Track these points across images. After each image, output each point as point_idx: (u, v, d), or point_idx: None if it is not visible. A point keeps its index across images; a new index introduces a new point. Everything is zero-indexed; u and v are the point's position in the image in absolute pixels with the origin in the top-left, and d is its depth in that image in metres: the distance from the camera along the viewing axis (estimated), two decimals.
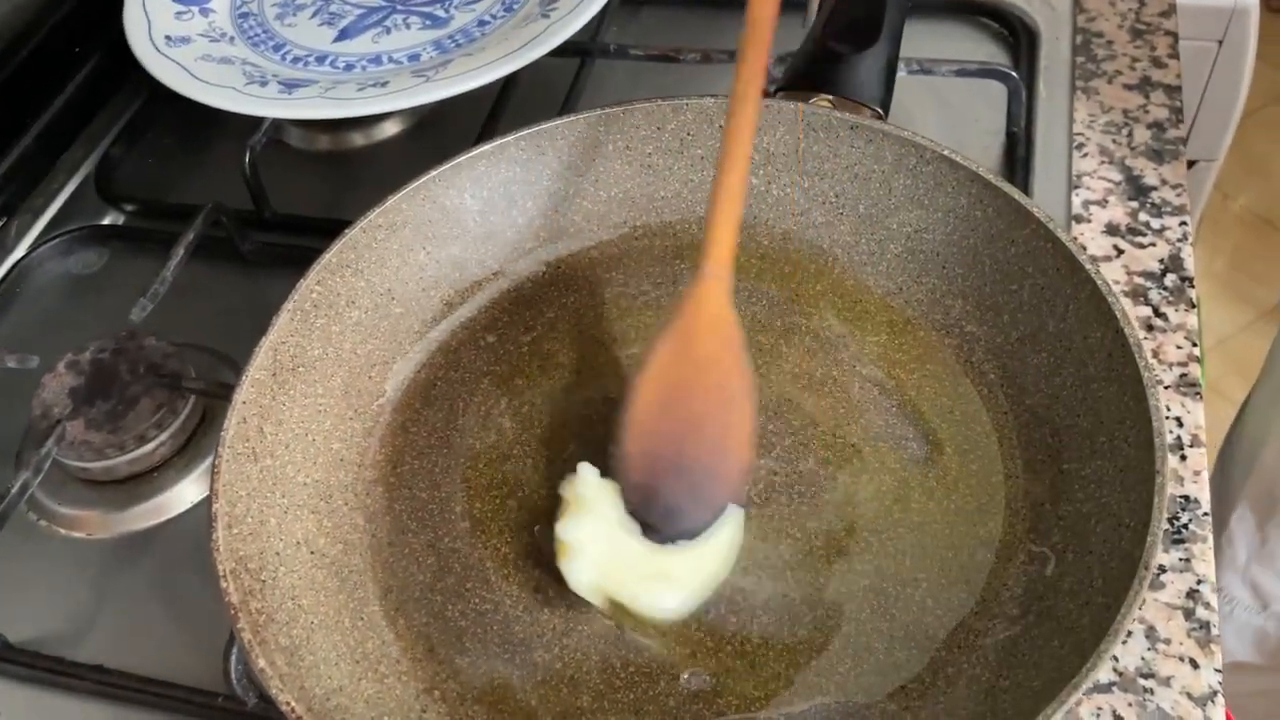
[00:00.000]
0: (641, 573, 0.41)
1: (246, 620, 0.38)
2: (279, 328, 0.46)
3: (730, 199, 0.43)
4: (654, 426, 0.42)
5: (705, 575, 0.42)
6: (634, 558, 0.41)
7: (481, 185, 0.52)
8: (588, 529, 0.42)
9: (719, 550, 0.42)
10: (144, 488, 0.53)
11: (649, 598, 0.41)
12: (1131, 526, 0.38)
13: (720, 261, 0.43)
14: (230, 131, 0.70)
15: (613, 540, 0.42)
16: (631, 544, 0.42)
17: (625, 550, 0.41)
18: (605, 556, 0.41)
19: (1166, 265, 0.57)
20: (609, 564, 0.41)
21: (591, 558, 0.42)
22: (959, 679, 0.40)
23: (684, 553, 0.41)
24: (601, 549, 0.42)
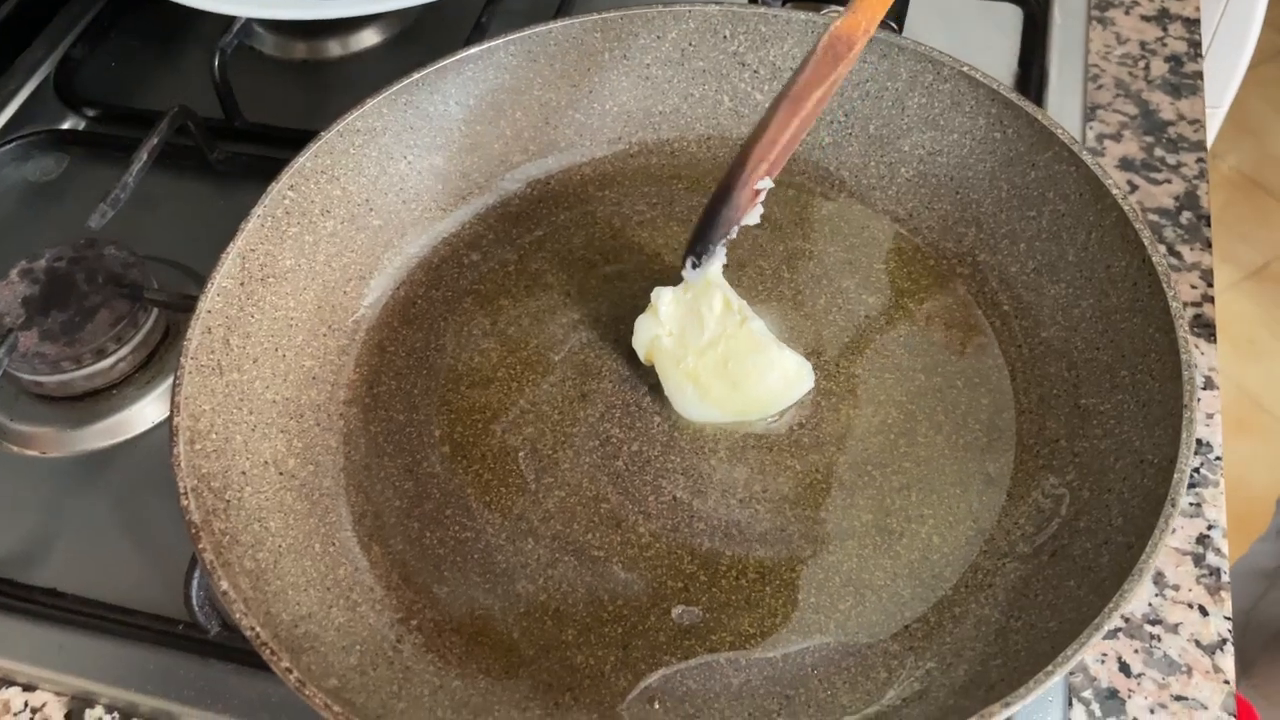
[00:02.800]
0: (686, 369, 0.42)
1: (209, 540, 0.36)
2: (248, 234, 0.43)
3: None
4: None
5: (736, 402, 0.42)
6: (692, 352, 0.42)
7: (468, 92, 0.49)
8: (672, 304, 0.43)
9: (762, 386, 0.42)
10: (102, 405, 0.50)
11: (680, 394, 0.43)
12: (1155, 463, 0.36)
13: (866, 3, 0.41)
14: (200, 34, 0.66)
15: (687, 329, 0.42)
16: (698, 344, 0.42)
17: (689, 341, 0.42)
18: (673, 330, 0.43)
19: (1182, 202, 0.55)
20: (672, 342, 0.43)
21: (662, 324, 0.43)
22: (966, 619, 0.38)
23: (726, 373, 0.42)
24: (674, 323, 0.43)
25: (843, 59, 0.40)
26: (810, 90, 0.40)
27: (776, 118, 0.40)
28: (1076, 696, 0.41)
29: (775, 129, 0.41)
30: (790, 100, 0.40)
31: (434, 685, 0.37)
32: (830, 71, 0.40)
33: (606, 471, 0.42)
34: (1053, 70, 0.59)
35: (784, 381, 0.42)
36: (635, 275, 0.48)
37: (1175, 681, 0.42)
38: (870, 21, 0.40)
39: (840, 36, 0.40)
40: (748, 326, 0.42)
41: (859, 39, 0.40)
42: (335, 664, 0.36)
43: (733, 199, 0.41)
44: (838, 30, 0.40)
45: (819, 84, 0.40)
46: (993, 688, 0.33)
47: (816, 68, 0.40)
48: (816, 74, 0.40)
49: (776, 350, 0.42)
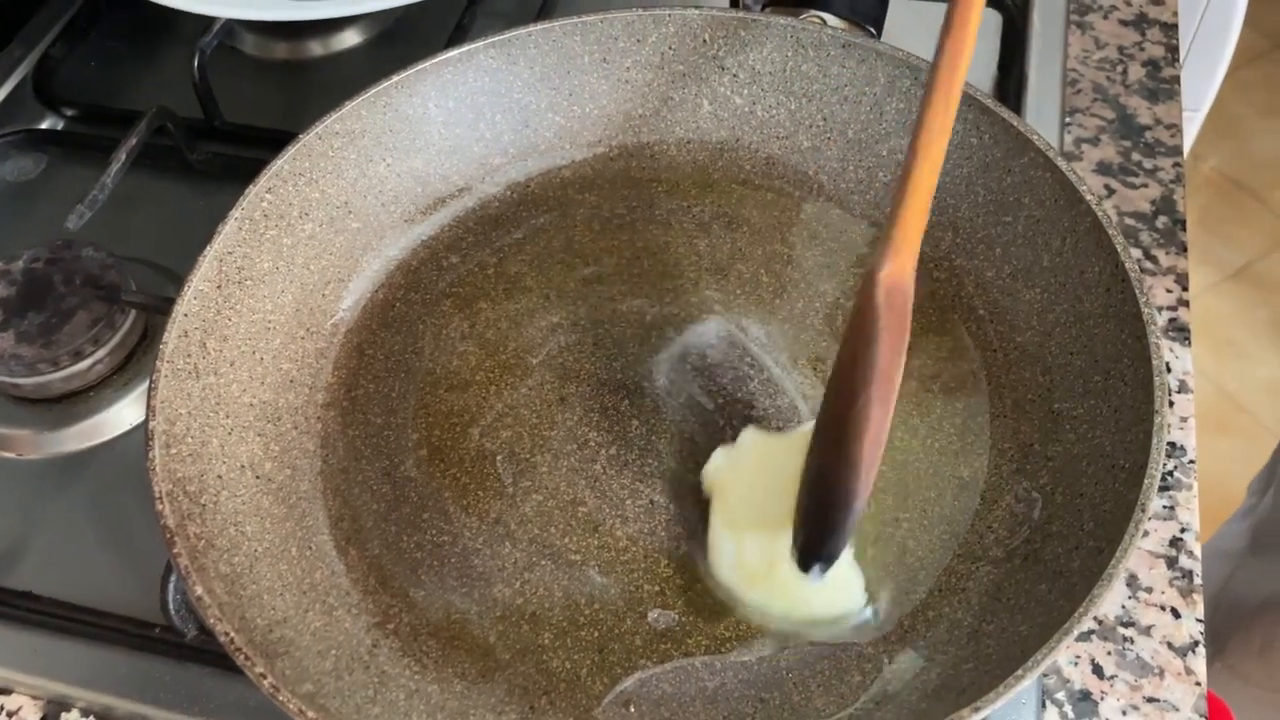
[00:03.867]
0: (737, 524, 0.39)
1: (183, 545, 0.36)
2: (225, 236, 0.43)
3: (924, 186, 0.36)
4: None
5: (767, 589, 0.39)
6: (756, 510, 0.38)
7: (447, 95, 0.49)
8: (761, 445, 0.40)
9: (808, 592, 0.38)
10: (79, 407, 0.49)
11: (717, 548, 0.39)
12: (1127, 468, 0.36)
13: (907, 236, 0.36)
14: (180, 34, 0.66)
15: (765, 482, 0.38)
16: (767, 506, 0.38)
17: (760, 500, 0.38)
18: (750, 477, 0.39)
19: (1158, 206, 0.55)
20: (741, 490, 0.39)
21: (740, 463, 0.40)
22: (940, 623, 0.38)
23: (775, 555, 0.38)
24: (753, 469, 0.39)
25: (907, 313, 0.35)
26: (895, 363, 0.35)
27: (874, 406, 0.35)
28: (1050, 698, 0.42)
29: (878, 418, 0.35)
30: (881, 383, 0.35)
31: (410, 690, 0.37)
32: (904, 333, 0.35)
33: (584, 475, 0.42)
34: (1031, 74, 0.60)
35: (822, 589, 0.38)
36: (614, 279, 0.48)
37: (1148, 683, 0.42)
38: (913, 258, 0.35)
39: (895, 288, 0.35)
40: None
41: (910, 282, 0.35)
42: (310, 669, 0.36)
43: (855, 505, 0.35)
44: (890, 282, 0.35)
45: (899, 353, 0.35)
46: (964, 691, 0.33)
47: (890, 337, 0.35)
48: (893, 344, 0.35)
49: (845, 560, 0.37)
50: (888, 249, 0.35)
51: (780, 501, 0.37)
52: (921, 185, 0.36)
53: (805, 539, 0.36)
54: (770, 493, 0.38)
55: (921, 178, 0.36)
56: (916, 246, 0.36)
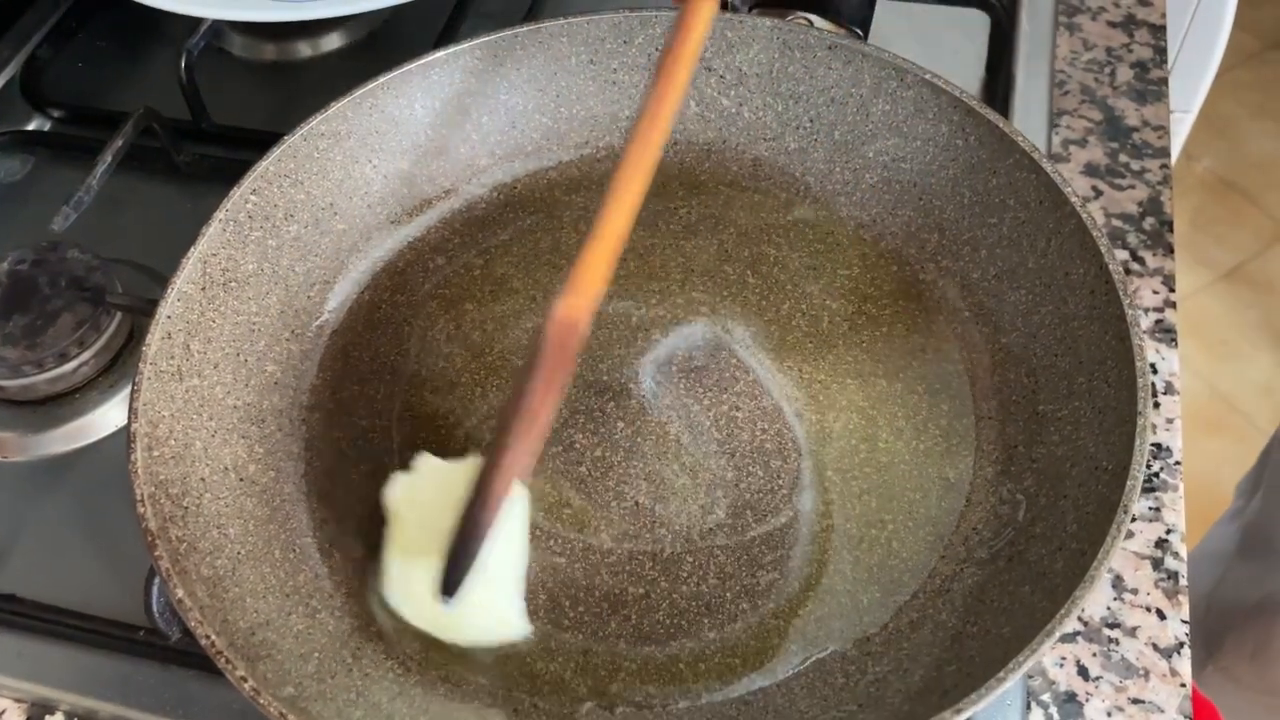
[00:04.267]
0: (406, 544, 0.38)
1: (165, 548, 0.35)
2: (209, 238, 0.43)
3: (613, 229, 0.36)
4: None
5: (430, 610, 0.37)
6: (427, 530, 0.37)
7: (433, 96, 0.49)
8: (436, 472, 0.39)
9: (466, 611, 0.37)
10: (64, 409, 0.49)
11: (388, 571, 0.38)
12: (1110, 470, 0.36)
13: (586, 278, 0.36)
14: (167, 36, 0.66)
15: (439, 504, 0.37)
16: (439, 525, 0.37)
17: (431, 519, 0.37)
18: (426, 499, 0.38)
19: (1145, 208, 0.55)
20: (415, 513, 0.39)
21: (416, 485, 0.39)
22: (924, 625, 0.38)
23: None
24: (431, 491, 0.38)
25: (572, 355, 0.35)
26: (545, 403, 0.35)
27: (513, 443, 0.35)
28: (1035, 700, 0.42)
29: (513, 456, 0.35)
30: (526, 419, 0.35)
31: (393, 692, 0.37)
32: (562, 374, 0.35)
33: (569, 477, 0.42)
34: (1019, 76, 0.60)
35: (482, 620, 0.38)
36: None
37: (1133, 684, 0.42)
38: (593, 301, 0.35)
39: (565, 324, 0.35)
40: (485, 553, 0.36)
41: (584, 324, 0.35)
42: (292, 672, 0.36)
43: (479, 532, 0.36)
44: (562, 318, 0.35)
45: (552, 392, 0.35)
46: (947, 693, 0.33)
47: (547, 375, 0.35)
48: (548, 382, 0.35)
49: (499, 587, 0.37)
50: (569, 285, 0.35)
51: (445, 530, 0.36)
52: (610, 228, 0.36)
53: (445, 568, 0.36)
54: (442, 520, 0.37)
55: (611, 221, 0.36)
56: (599, 288, 0.35)
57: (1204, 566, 0.80)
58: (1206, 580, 0.79)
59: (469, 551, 0.36)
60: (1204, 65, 0.95)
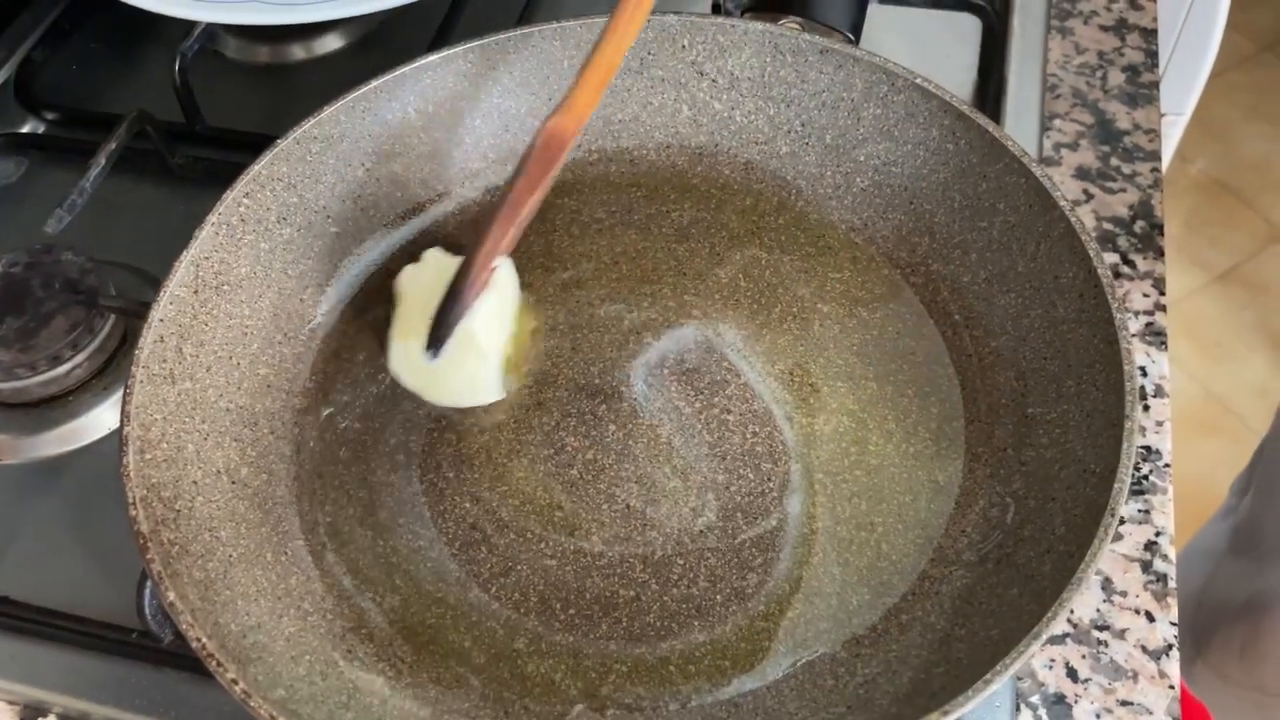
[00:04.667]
0: (410, 322, 0.44)
1: (157, 551, 0.36)
2: (202, 241, 0.43)
3: (606, 55, 0.43)
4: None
5: (422, 372, 0.44)
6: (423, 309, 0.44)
7: (426, 100, 0.49)
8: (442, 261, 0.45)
9: (449, 372, 0.44)
10: (57, 411, 0.49)
11: (394, 342, 0.44)
12: (1098, 473, 0.37)
13: (578, 97, 0.42)
14: (161, 38, 0.66)
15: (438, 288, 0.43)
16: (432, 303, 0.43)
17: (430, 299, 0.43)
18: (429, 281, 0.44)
19: (1136, 212, 0.56)
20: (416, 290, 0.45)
21: (421, 271, 0.45)
22: (913, 626, 0.38)
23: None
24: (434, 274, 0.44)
25: (556, 160, 0.42)
26: (526, 196, 0.42)
27: (496, 226, 0.42)
28: (1024, 701, 0.42)
29: (494, 238, 0.42)
30: (509, 207, 0.42)
31: (384, 696, 0.37)
32: (544, 175, 0.42)
33: (561, 480, 0.43)
34: (1011, 80, 0.60)
35: (463, 385, 0.44)
36: (593, 283, 0.48)
37: (1121, 687, 0.42)
38: (581, 120, 0.42)
39: (554, 135, 0.42)
40: (471, 322, 0.43)
41: (570, 138, 0.42)
42: (284, 674, 0.36)
43: (463, 299, 0.42)
44: (551, 129, 0.41)
45: (534, 188, 0.42)
46: (934, 695, 0.34)
47: (530, 173, 0.42)
48: (531, 179, 0.42)
49: (478, 351, 0.43)
50: (562, 103, 0.42)
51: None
52: (604, 58, 0.42)
53: (430, 326, 0.43)
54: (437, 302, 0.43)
55: (606, 50, 0.42)
56: (587, 110, 0.42)
57: (1195, 564, 0.80)
58: (1197, 577, 0.79)
59: (452, 315, 0.42)
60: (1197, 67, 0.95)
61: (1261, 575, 0.74)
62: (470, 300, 0.42)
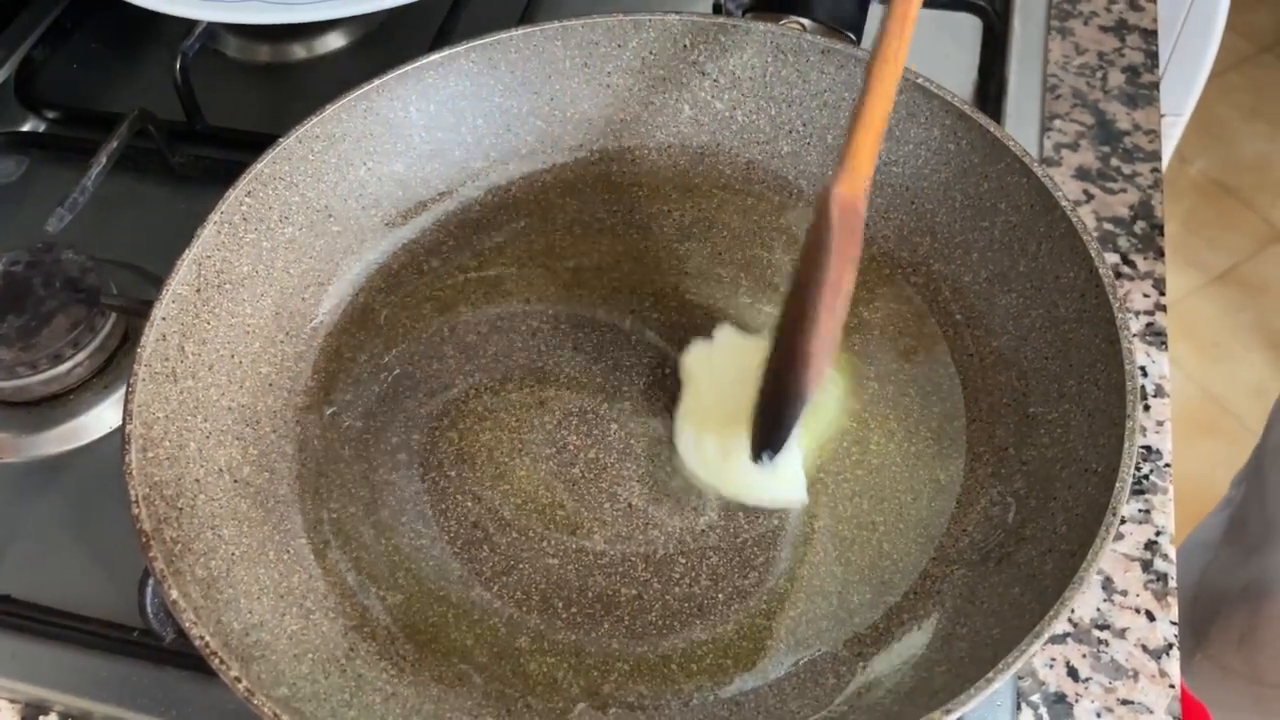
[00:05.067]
0: (700, 409, 0.42)
1: (159, 549, 0.36)
2: (204, 240, 0.43)
3: (878, 115, 0.39)
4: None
5: (718, 468, 0.42)
6: (718, 397, 0.42)
7: (428, 99, 0.49)
8: (733, 340, 0.43)
9: (748, 470, 0.40)
10: (59, 410, 0.49)
11: (681, 432, 0.43)
12: (1099, 472, 0.37)
13: (860, 161, 0.39)
14: (162, 37, 0.66)
15: (731, 373, 0.42)
16: (729, 392, 0.41)
17: (724, 387, 0.42)
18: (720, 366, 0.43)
19: (1136, 212, 0.56)
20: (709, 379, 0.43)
21: (712, 353, 0.44)
22: (914, 625, 0.38)
23: (728, 435, 0.41)
24: (725, 359, 0.43)
25: (859, 228, 0.38)
26: (844, 273, 0.38)
27: (823, 314, 0.37)
28: (1025, 700, 0.42)
29: (827, 326, 0.38)
30: (831, 290, 0.38)
31: (386, 693, 0.37)
32: (854, 246, 0.38)
33: (563, 479, 0.43)
34: (1012, 80, 0.60)
35: (767, 481, 0.41)
36: (594, 283, 0.48)
37: (1122, 686, 0.42)
38: (867, 180, 0.39)
39: (849, 205, 0.38)
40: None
41: (863, 202, 0.38)
42: (286, 672, 0.36)
43: (804, 398, 0.38)
44: (843, 199, 0.38)
45: (848, 263, 0.38)
46: (936, 694, 0.34)
47: (841, 249, 0.38)
48: (843, 254, 0.38)
49: (795, 455, 0.40)
50: (843, 171, 0.38)
51: (742, 397, 0.40)
52: (875, 110, 0.39)
53: (758, 430, 0.39)
54: (735, 388, 0.40)
55: (876, 104, 0.39)
56: (869, 171, 0.39)
57: (1193, 555, 0.80)
58: (1195, 569, 0.80)
59: (791, 414, 0.38)
60: (1196, 68, 0.95)
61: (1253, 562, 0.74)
62: (811, 395, 0.38)
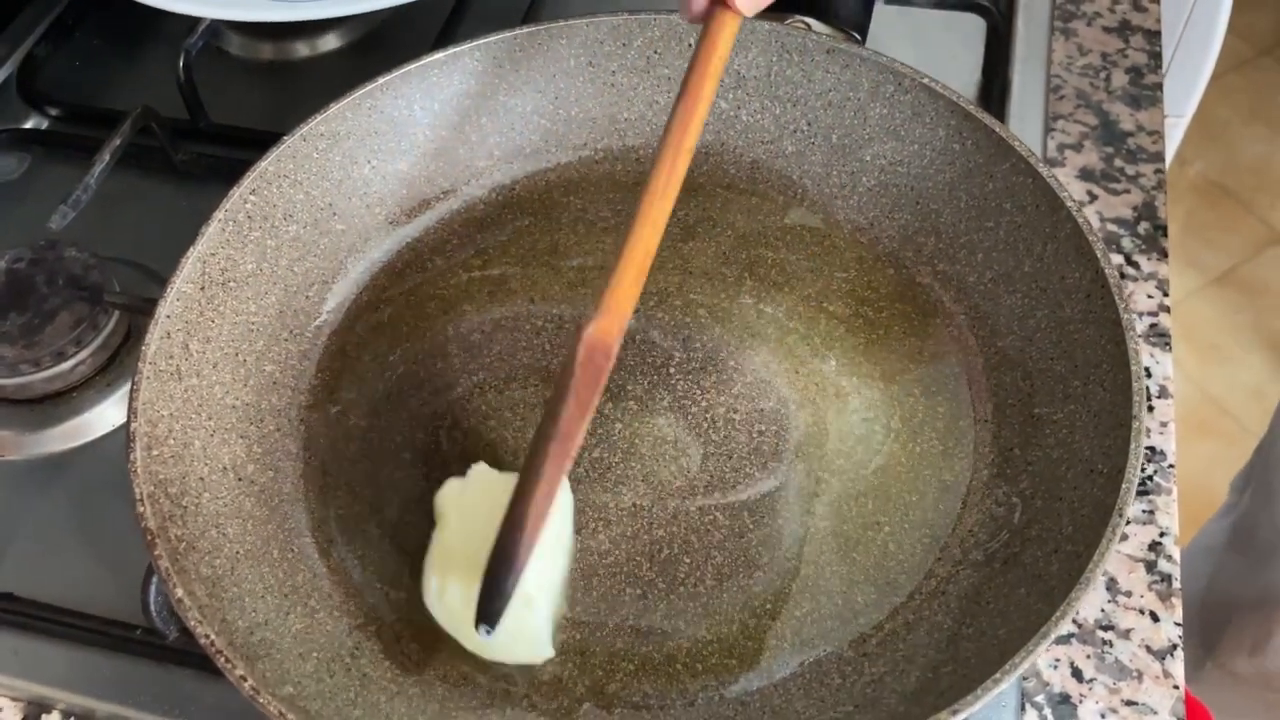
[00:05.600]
0: (444, 552, 0.39)
1: (164, 547, 0.35)
2: (208, 238, 0.43)
3: (640, 252, 0.36)
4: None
5: (457, 617, 0.38)
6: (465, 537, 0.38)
7: (432, 97, 0.49)
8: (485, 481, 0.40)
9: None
10: (62, 408, 0.49)
11: (426, 579, 0.39)
12: (1105, 473, 0.37)
13: (618, 300, 0.36)
14: (165, 35, 0.66)
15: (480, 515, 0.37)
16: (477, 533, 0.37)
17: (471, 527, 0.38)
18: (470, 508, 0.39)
19: (1140, 213, 0.56)
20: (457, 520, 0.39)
21: (463, 495, 0.40)
22: (920, 625, 0.38)
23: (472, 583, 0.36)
24: (477, 500, 0.39)
25: (603, 373, 0.34)
26: (578, 425, 0.34)
27: (549, 465, 0.34)
28: (1029, 701, 0.42)
29: (548, 481, 0.34)
30: (560, 441, 0.34)
31: (391, 692, 0.37)
32: (593, 394, 0.34)
33: (567, 478, 0.42)
34: (1015, 80, 0.60)
35: (507, 641, 0.37)
36: (599, 282, 0.48)
37: (1126, 687, 0.42)
38: (624, 320, 0.35)
39: (597, 346, 0.34)
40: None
41: (614, 344, 0.34)
42: (291, 671, 0.36)
43: (517, 563, 0.35)
44: (592, 340, 0.34)
45: (585, 413, 0.34)
46: (942, 694, 0.34)
47: (579, 396, 0.34)
48: (580, 403, 0.34)
49: (525, 600, 0.37)
50: (598, 308, 0.35)
51: (489, 542, 0.36)
52: (639, 247, 0.35)
53: (480, 600, 0.35)
54: (486, 530, 0.36)
55: (639, 239, 0.35)
56: (628, 309, 0.35)
57: (1197, 562, 0.80)
58: (1200, 576, 0.80)
59: (506, 583, 0.35)
60: (1198, 70, 0.95)
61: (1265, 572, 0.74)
62: (525, 561, 0.35)
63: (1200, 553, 0.81)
